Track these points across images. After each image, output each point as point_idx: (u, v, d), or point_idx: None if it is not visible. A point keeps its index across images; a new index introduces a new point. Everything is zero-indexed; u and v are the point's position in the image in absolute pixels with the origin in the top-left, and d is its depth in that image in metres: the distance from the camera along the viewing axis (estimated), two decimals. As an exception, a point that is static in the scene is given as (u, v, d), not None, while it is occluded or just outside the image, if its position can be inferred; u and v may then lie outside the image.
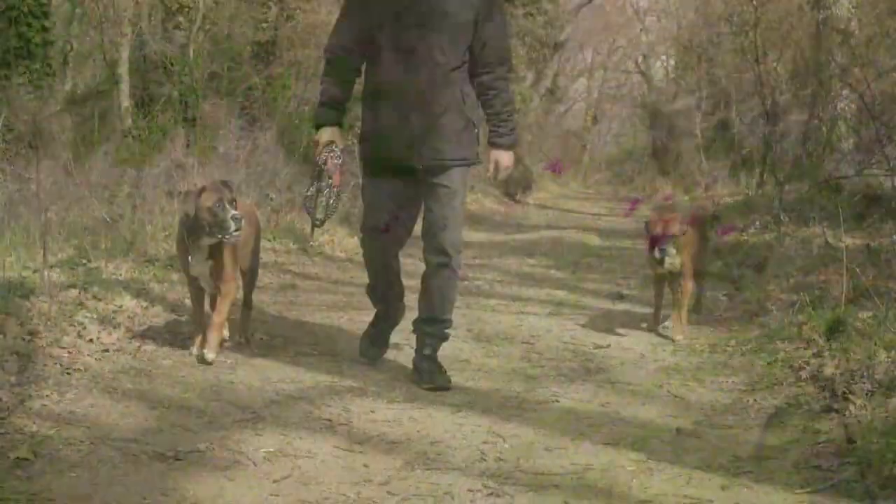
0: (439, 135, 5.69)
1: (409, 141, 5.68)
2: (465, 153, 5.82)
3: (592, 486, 4.28)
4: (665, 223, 7.17)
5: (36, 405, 4.78)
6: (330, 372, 6.03)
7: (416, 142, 5.68)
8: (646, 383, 6.13)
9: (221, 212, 5.82)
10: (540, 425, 5.15)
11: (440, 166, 5.76)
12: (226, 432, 4.72)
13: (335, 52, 5.87)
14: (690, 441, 4.95)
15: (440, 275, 5.88)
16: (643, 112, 39.97)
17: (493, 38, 5.79)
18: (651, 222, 7.27)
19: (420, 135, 5.67)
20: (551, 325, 7.85)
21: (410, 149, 5.69)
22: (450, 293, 6.00)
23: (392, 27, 5.65)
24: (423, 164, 5.73)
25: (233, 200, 5.89)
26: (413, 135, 5.67)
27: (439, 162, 5.74)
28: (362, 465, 4.43)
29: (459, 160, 5.81)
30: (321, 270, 10.44)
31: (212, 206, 5.84)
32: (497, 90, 5.86)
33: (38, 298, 6.48)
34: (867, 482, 4.15)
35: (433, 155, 5.72)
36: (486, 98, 5.86)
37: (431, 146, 5.69)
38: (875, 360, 5.69)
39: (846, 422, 4.90)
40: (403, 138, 5.69)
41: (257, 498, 3.96)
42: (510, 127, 5.92)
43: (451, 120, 5.71)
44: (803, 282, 8.69)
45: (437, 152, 5.71)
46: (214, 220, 5.84)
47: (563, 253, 13.14)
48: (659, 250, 7.14)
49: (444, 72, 5.65)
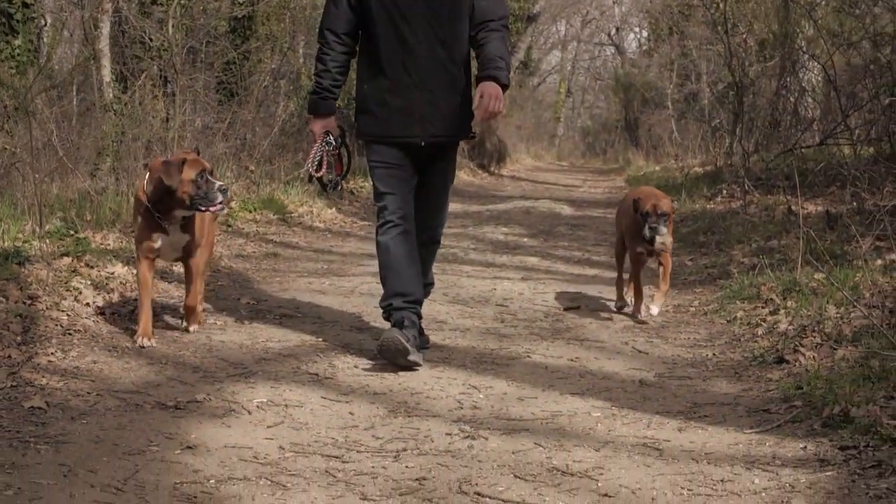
0: (441, 111, 5.66)
1: (410, 118, 5.63)
2: (463, 129, 5.83)
3: (560, 429, 4.66)
4: (656, 201, 6.95)
5: (43, 361, 5.11)
6: (314, 332, 6.38)
7: (417, 119, 5.63)
8: (612, 340, 6.51)
9: (206, 183, 5.74)
10: (512, 378, 5.53)
11: (440, 144, 5.77)
12: (221, 385, 5.08)
13: (328, 39, 5.74)
14: (652, 391, 5.34)
15: (428, 251, 6.02)
16: (616, 84, 40.33)
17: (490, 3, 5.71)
18: (641, 200, 6.97)
19: (422, 112, 5.63)
20: (524, 289, 8.23)
21: (412, 126, 5.65)
22: (432, 260, 6.16)
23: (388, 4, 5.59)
24: (426, 142, 5.69)
25: (212, 171, 5.86)
26: (414, 111, 5.63)
27: (440, 139, 5.75)
28: (348, 412, 4.80)
29: (458, 137, 5.89)
30: (301, 240, 10.78)
31: (195, 178, 5.74)
32: (487, 39, 5.68)
33: (33, 266, 6.78)
34: (810, 422, 4.55)
35: (435, 132, 5.68)
36: (478, 48, 5.71)
37: (433, 123, 5.66)
38: (825, 315, 6.09)
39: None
40: (404, 114, 5.63)
41: (254, 441, 4.32)
42: (497, 66, 5.62)
43: (451, 96, 5.70)
44: (765, 247, 9.09)
45: (438, 130, 5.68)
46: (198, 192, 5.73)
47: (535, 222, 13.53)
48: (650, 228, 6.86)
49: (443, 48, 5.63)
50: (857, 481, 3.84)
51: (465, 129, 5.84)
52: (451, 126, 5.74)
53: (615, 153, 36.30)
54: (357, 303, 7.34)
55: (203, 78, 15.71)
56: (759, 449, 4.34)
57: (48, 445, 4.03)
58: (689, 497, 3.82)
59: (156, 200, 5.80)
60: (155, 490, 3.71)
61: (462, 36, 5.70)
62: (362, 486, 3.87)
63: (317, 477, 3.96)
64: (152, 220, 5.84)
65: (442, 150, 5.85)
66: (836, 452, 4.16)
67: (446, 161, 5.93)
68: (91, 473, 3.79)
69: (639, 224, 6.96)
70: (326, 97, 5.80)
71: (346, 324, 6.66)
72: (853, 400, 4.51)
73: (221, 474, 3.92)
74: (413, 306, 5.72)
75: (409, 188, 5.79)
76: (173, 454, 4.09)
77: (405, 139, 5.68)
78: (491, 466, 4.13)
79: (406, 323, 5.64)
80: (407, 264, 5.73)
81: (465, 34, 5.70)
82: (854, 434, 4.26)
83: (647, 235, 6.89)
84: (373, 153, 5.80)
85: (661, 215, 6.87)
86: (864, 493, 3.72)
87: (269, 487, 3.82)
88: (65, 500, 3.53)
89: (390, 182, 5.74)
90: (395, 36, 5.60)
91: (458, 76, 5.72)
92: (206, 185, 5.75)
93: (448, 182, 6.00)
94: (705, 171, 17.38)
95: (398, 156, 5.73)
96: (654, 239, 6.89)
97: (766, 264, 7.83)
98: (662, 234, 6.90)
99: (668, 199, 7.14)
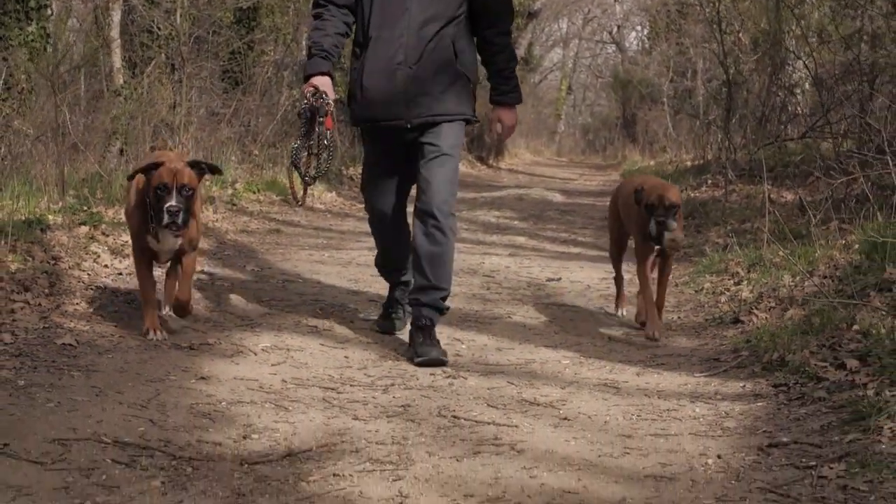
0: (427, 91, 5.35)
1: (396, 98, 5.33)
2: (456, 108, 5.45)
3: (532, 372, 5.24)
4: (664, 190, 6.03)
5: (69, 309, 5.69)
6: (314, 294, 6.96)
7: (402, 99, 5.33)
8: (588, 306, 7.08)
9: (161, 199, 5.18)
10: (493, 334, 6.10)
11: (429, 123, 5.39)
12: (229, 332, 5.66)
13: (327, 6, 5.49)
14: (619, 345, 5.92)
15: (430, 239, 5.40)
16: (615, 81, 40.85)
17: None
18: (644, 191, 6.05)
19: (406, 91, 5.32)
20: (510, 264, 8.81)
21: (398, 107, 5.35)
22: (443, 257, 5.43)
23: None
24: (412, 123, 5.38)
25: (185, 187, 5.19)
26: (398, 91, 5.33)
27: (429, 118, 5.38)
28: (343, 356, 5.38)
29: (451, 116, 5.44)
30: (303, 219, 11.35)
31: (157, 189, 5.20)
32: (499, 45, 5.53)
33: (54, 233, 7.35)
34: (752, 367, 5.14)
35: (421, 112, 5.36)
36: (488, 55, 5.56)
37: (420, 103, 5.34)
38: (780, 284, 6.67)
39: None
40: (390, 96, 5.34)
41: (259, 375, 4.90)
42: (513, 84, 5.56)
43: (440, 74, 5.37)
44: (739, 229, 9.67)
45: (426, 109, 5.36)
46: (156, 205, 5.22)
47: (526, 207, 14.11)
48: (657, 223, 5.92)
49: (432, 24, 5.34)
50: (781, 409, 4.44)
51: (459, 108, 5.46)
52: (439, 105, 5.38)
53: (615, 150, 36.83)
54: (354, 272, 7.90)
55: (209, 66, 16.27)
56: (704, 388, 4.93)
57: (80, 373, 4.61)
58: (636, 421, 4.40)
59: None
60: (175, 408, 4.29)
61: (453, 13, 5.40)
62: (354, 411, 4.44)
63: (315, 403, 4.53)
64: (143, 214, 5.38)
65: (432, 132, 5.42)
66: (769, 389, 4.75)
67: (440, 142, 5.42)
68: (119, 394, 4.37)
69: (643, 218, 6.07)
70: (326, 57, 5.46)
71: (344, 288, 7.23)
72: (790, 348, 5.09)
73: (231, 399, 4.50)
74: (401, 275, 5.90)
75: (395, 179, 5.63)
76: (189, 383, 4.67)
77: (389, 123, 5.43)
78: (468, 398, 4.71)
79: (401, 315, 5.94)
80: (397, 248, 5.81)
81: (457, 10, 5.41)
82: (787, 374, 4.84)
83: (654, 232, 5.96)
84: (364, 141, 5.79)
85: (669, 207, 5.94)
86: (786, 417, 4.32)
87: (273, 409, 4.40)
88: (98, 413, 4.10)
89: (376, 175, 5.68)
90: (382, 13, 5.36)
91: (449, 56, 5.39)
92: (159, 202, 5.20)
93: (450, 161, 5.44)
94: (694, 164, 17.95)
95: (386, 143, 5.54)
96: (663, 236, 5.95)
97: (736, 243, 8.40)
98: (672, 228, 5.94)
99: (675, 188, 6.21)
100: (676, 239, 5.98)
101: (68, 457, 3.64)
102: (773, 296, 6.49)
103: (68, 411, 4.09)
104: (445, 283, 5.46)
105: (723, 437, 4.16)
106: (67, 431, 3.87)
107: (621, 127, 38.68)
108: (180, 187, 5.16)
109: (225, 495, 3.42)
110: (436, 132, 5.43)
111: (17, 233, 6.76)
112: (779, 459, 3.84)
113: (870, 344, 4.84)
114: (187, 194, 5.19)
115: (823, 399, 4.43)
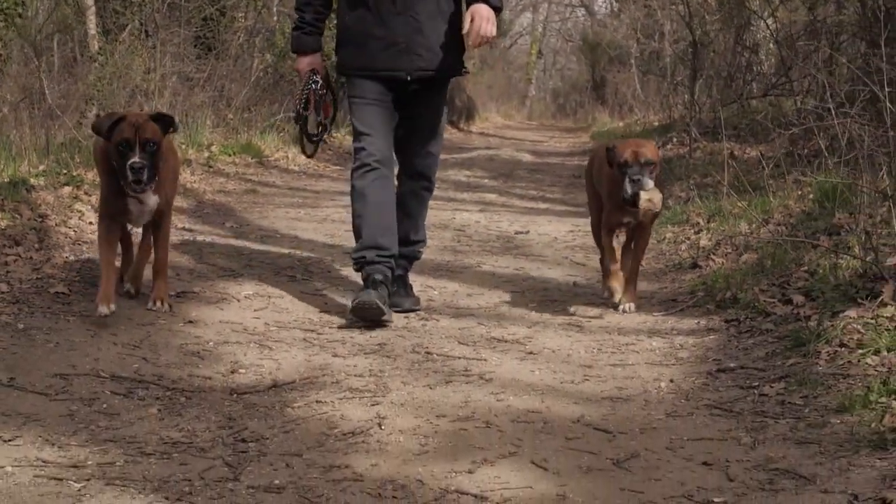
0: (428, 43, 5.24)
1: (395, 48, 5.21)
2: (453, 65, 5.39)
3: (500, 314, 5.57)
4: (637, 147, 5.38)
5: (59, 262, 5.95)
6: (292, 247, 7.24)
7: (403, 50, 5.21)
8: (555, 256, 7.41)
9: (125, 156, 4.84)
10: (464, 281, 6.42)
11: (428, 78, 5.32)
12: (213, 282, 5.95)
13: None
14: (583, 290, 6.25)
15: (418, 198, 5.60)
16: (584, 45, 41.11)
17: None
18: (616, 148, 5.39)
19: (407, 41, 5.20)
20: (480, 219, 9.13)
21: (397, 58, 5.22)
22: (423, 212, 5.72)
23: None
24: (412, 76, 5.27)
25: (149, 142, 4.84)
26: (399, 41, 5.20)
27: (428, 73, 5.29)
28: (322, 302, 5.69)
29: (447, 71, 5.39)
30: (278, 179, 11.61)
31: (119, 145, 4.85)
32: None
33: (39, 193, 7.59)
34: (707, 306, 5.48)
35: (422, 65, 5.25)
36: None
37: (420, 55, 5.23)
38: (737, 231, 7.01)
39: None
40: (388, 45, 5.21)
41: (243, 319, 5.21)
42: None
43: (439, 25, 5.26)
44: (701, 183, 10.00)
45: (426, 63, 5.25)
46: (119, 163, 4.88)
47: (497, 167, 14.43)
48: (631, 181, 5.21)
49: None
50: (732, 341, 4.80)
51: (456, 63, 5.41)
52: (439, 59, 5.27)
53: (585, 113, 37.11)
54: (329, 228, 8.19)
55: (182, 32, 16.42)
56: (661, 325, 5.28)
57: (75, 318, 4.90)
58: (597, 354, 4.75)
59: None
60: (165, 347, 4.60)
61: None
62: (334, 349, 4.75)
63: (296, 342, 4.85)
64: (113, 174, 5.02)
65: (429, 87, 5.39)
66: (721, 324, 5.11)
67: (436, 98, 5.46)
68: (113, 336, 4.67)
69: (616, 181, 5.40)
70: (311, 32, 5.45)
71: (320, 242, 7.52)
72: (742, 287, 5.44)
73: (218, 340, 4.80)
74: (387, 260, 5.30)
75: (390, 128, 5.39)
76: (177, 326, 4.97)
77: (389, 73, 5.26)
78: (440, 337, 5.04)
79: (379, 277, 5.23)
80: (383, 213, 5.31)
81: None
82: (738, 311, 5.19)
83: (629, 192, 5.24)
84: (353, 87, 5.36)
85: (644, 164, 5.26)
86: (735, 347, 4.69)
87: (258, 348, 4.71)
88: (94, 352, 4.40)
89: (371, 120, 5.31)
90: None
91: (445, 4, 5.29)
92: (122, 159, 4.86)
93: (438, 120, 5.52)
94: (661, 124, 18.29)
95: (381, 90, 5.31)
96: (638, 196, 5.22)
97: (697, 195, 8.74)
98: (648, 187, 5.24)
99: (652, 143, 5.57)
100: (654, 199, 5.27)
101: (70, 389, 3.95)
102: (731, 242, 6.83)
103: (67, 350, 4.39)
104: (423, 235, 5.76)
105: (676, 366, 4.50)
106: (67, 368, 4.18)
107: (591, 90, 38.99)
108: (143, 142, 4.81)
109: (217, 420, 3.73)
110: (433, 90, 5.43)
111: (3, 193, 7.01)
112: (725, 382, 4.20)
113: (815, 281, 5.19)
114: (151, 150, 4.84)
115: (770, 330, 4.79)
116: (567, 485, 3.18)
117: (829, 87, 8.95)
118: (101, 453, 3.34)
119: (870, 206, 5.99)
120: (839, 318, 4.46)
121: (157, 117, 4.99)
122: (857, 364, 4.02)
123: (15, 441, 3.39)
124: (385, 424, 3.70)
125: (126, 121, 4.85)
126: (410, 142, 5.47)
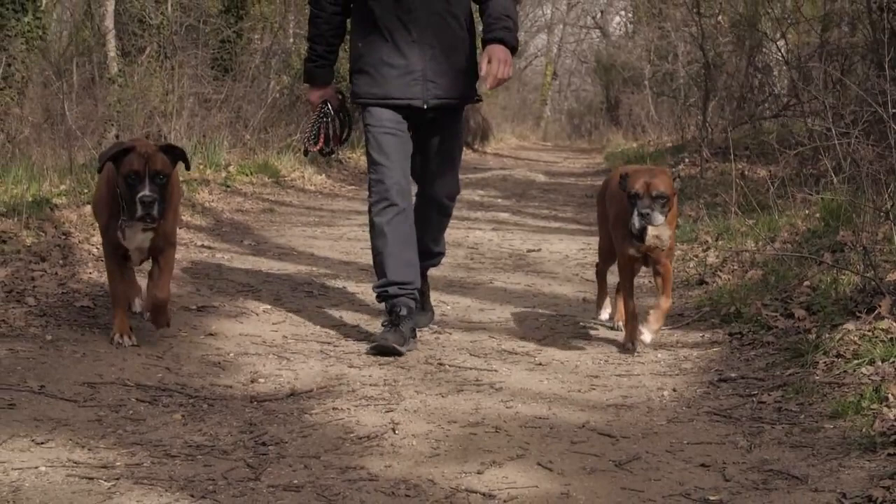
0: (443, 71, 5.20)
1: (411, 77, 5.16)
2: (467, 92, 5.40)
3: (511, 328, 5.74)
4: (651, 178, 4.88)
5: (84, 277, 6.16)
6: (309, 264, 7.44)
7: (419, 78, 5.16)
8: (565, 273, 7.58)
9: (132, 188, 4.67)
10: (476, 297, 6.60)
11: (445, 106, 5.29)
12: (232, 297, 6.14)
13: (320, 7, 5.34)
14: (592, 305, 6.38)
15: (437, 219, 5.59)
16: (598, 66, 41.33)
17: None
18: (630, 177, 4.96)
19: (423, 70, 5.16)
20: (493, 237, 9.31)
21: (413, 86, 5.17)
22: (443, 229, 5.70)
23: None
24: (428, 104, 5.21)
25: (158, 175, 4.68)
26: (415, 70, 5.16)
27: (444, 101, 5.25)
28: (338, 316, 5.87)
29: (463, 98, 5.40)
30: (294, 199, 11.82)
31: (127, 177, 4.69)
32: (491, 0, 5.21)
33: (61, 212, 7.80)
34: (712, 320, 5.64)
35: (438, 93, 5.21)
36: (483, 4, 5.25)
37: (436, 83, 5.19)
38: (744, 249, 7.17)
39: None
40: (404, 74, 5.17)
41: (262, 331, 5.39)
42: (505, 25, 5.14)
43: (454, 55, 5.25)
44: (711, 202, 10.16)
45: (442, 91, 5.21)
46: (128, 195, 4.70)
47: (510, 187, 14.63)
48: (639, 215, 4.82)
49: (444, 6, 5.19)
50: (734, 353, 4.98)
51: (470, 91, 5.43)
52: (455, 87, 5.27)
53: (600, 134, 37.28)
54: (345, 245, 8.38)
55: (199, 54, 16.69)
56: (667, 338, 5.44)
57: (100, 330, 5.09)
58: (603, 365, 4.92)
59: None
60: (187, 358, 4.78)
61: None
62: (350, 360, 4.93)
63: (313, 354, 5.02)
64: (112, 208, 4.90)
65: (446, 115, 5.34)
66: (725, 337, 5.29)
67: (452, 125, 5.43)
68: (137, 347, 4.85)
69: (625, 209, 5.00)
70: (322, 65, 5.44)
71: (336, 259, 7.71)
72: (746, 302, 5.60)
73: (238, 351, 4.99)
74: (410, 293, 5.23)
75: (406, 157, 5.30)
76: (198, 338, 5.16)
77: (406, 101, 5.20)
78: (452, 349, 5.21)
79: (403, 312, 5.16)
80: (404, 249, 5.22)
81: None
82: (742, 324, 5.36)
83: (636, 226, 4.86)
84: (369, 116, 5.27)
85: (655, 198, 4.83)
86: (737, 359, 4.86)
87: (276, 359, 4.89)
88: (119, 363, 4.59)
89: (387, 149, 5.21)
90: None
91: (460, 32, 5.28)
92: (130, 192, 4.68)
93: (456, 145, 5.51)
94: (674, 144, 18.46)
95: (397, 119, 5.24)
96: (645, 231, 4.88)
97: (707, 214, 8.90)
98: (657, 223, 4.84)
99: (666, 174, 5.04)
100: (661, 236, 4.92)
101: (97, 396, 4.13)
102: (737, 260, 6.98)
103: (93, 361, 4.58)
104: (442, 247, 5.72)
105: (679, 376, 4.67)
106: (94, 377, 4.36)
107: (606, 111, 39.19)
108: (153, 174, 4.65)
109: (238, 425, 3.90)
110: (449, 118, 5.39)
111: (28, 211, 7.22)
112: (726, 391, 4.38)
113: (817, 296, 5.35)
114: (161, 182, 4.68)
115: (771, 343, 4.96)
116: (571, 484, 3.35)
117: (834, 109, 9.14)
118: (129, 455, 3.52)
119: (872, 224, 6.16)
120: (838, 331, 4.63)
121: (166, 149, 4.88)
122: (852, 373, 4.19)
123: (47, 444, 3.57)
124: (399, 429, 3.87)
125: (135, 151, 4.69)
126: (429, 167, 5.43)
